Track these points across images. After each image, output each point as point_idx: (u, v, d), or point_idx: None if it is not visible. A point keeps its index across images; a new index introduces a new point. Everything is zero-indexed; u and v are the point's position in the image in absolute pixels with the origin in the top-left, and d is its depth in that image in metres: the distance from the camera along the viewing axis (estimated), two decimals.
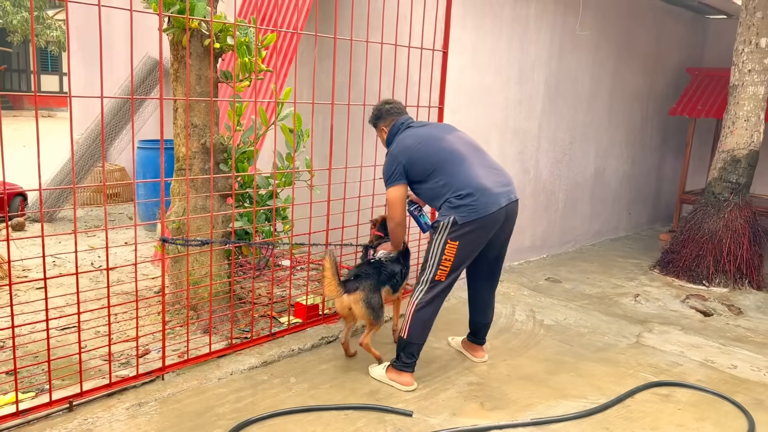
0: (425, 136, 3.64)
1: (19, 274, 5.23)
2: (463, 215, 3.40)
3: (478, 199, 3.41)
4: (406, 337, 3.56)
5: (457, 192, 3.43)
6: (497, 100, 5.61)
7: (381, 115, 3.84)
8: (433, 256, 3.49)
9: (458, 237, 3.42)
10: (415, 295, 3.56)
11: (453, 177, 3.47)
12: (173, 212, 4.24)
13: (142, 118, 7.76)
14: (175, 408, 3.26)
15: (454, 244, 3.42)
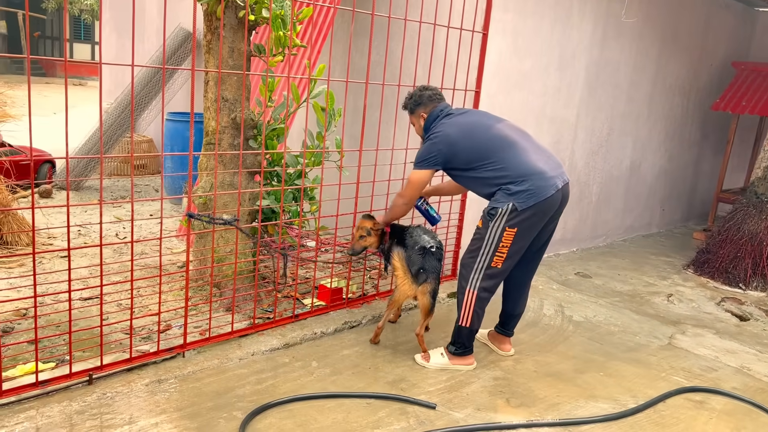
0: (471, 125, 3.57)
1: (45, 241, 5.22)
2: (522, 201, 3.35)
3: (535, 184, 3.36)
4: (468, 326, 3.56)
5: (515, 179, 3.38)
6: (535, 86, 5.43)
7: (422, 101, 3.71)
8: (488, 243, 3.43)
9: (516, 224, 3.37)
10: (472, 283, 3.50)
11: (508, 164, 3.42)
12: (200, 187, 4.16)
13: (172, 90, 7.70)
14: (194, 387, 3.21)
15: (512, 231, 3.38)
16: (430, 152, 3.53)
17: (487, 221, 3.43)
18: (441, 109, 3.67)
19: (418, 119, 3.76)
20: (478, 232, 3.49)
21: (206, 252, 4.06)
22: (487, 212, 3.44)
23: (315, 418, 3.04)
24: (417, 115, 3.75)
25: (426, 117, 3.69)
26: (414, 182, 3.60)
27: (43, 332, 3.53)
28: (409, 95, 3.78)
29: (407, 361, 3.71)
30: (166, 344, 3.46)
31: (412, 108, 3.75)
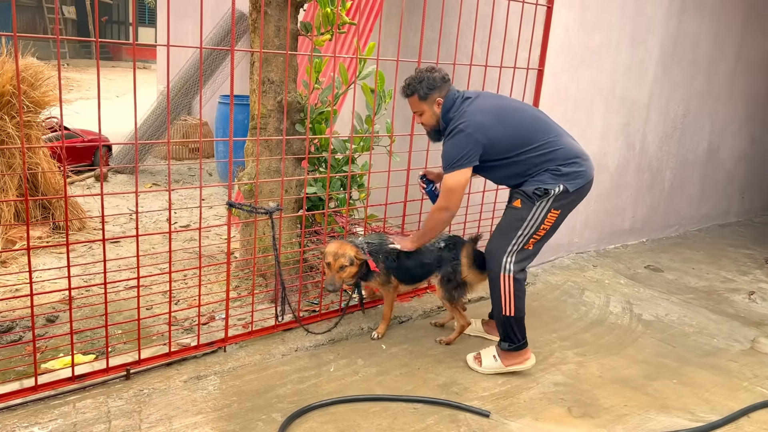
0: (499, 109, 3.22)
1: (96, 226, 5.21)
2: (572, 183, 3.13)
3: (583, 164, 3.19)
4: (515, 314, 3.26)
5: (563, 161, 3.15)
6: (605, 64, 5.00)
7: (435, 84, 3.22)
8: (529, 224, 3.18)
9: (562, 206, 3.17)
10: (506, 267, 3.22)
11: (554, 146, 3.17)
12: (246, 173, 4.01)
13: (225, 73, 7.61)
14: (234, 385, 3.06)
15: (556, 213, 3.17)
16: (467, 146, 3.11)
17: (530, 202, 3.15)
18: (456, 94, 3.26)
19: (431, 106, 3.25)
20: (517, 213, 3.21)
21: (252, 241, 3.91)
22: (533, 192, 3.14)
23: (358, 423, 2.84)
24: (431, 102, 3.24)
25: (442, 103, 3.24)
26: (456, 188, 3.15)
27: (88, 323, 3.45)
28: (415, 79, 3.24)
29: (459, 362, 3.46)
30: (207, 338, 3.34)
31: (425, 93, 3.22)
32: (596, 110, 5.08)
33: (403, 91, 3.27)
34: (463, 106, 3.18)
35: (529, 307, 4.26)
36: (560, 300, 4.49)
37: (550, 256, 5.18)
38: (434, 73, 3.23)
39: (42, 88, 4.84)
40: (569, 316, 4.24)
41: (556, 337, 3.88)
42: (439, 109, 3.23)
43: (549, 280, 4.83)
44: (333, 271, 3.32)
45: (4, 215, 4.54)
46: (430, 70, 3.25)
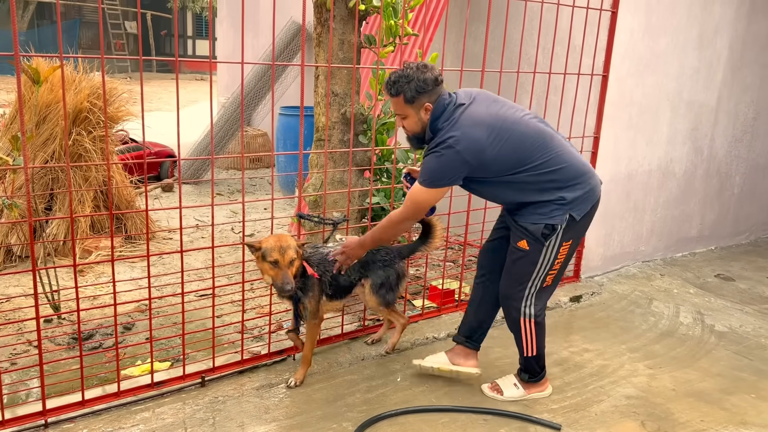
0: (498, 121, 2.71)
1: (165, 236, 5.39)
2: (579, 209, 2.78)
3: (588, 184, 2.80)
4: (536, 352, 3.07)
5: (566, 183, 2.75)
6: (671, 68, 4.88)
7: (426, 87, 2.70)
8: (543, 265, 2.85)
9: (572, 235, 2.83)
10: (526, 312, 2.97)
11: (556, 163, 2.74)
12: (310, 185, 4.08)
13: (284, 84, 7.77)
14: (303, 393, 3.11)
15: (568, 244, 2.84)
16: (451, 166, 2.68)
17: (539, 242, 2.80)
18: (447, 96, 2.77)
19: (418, 111, 2.76)
20: (526, 256, 2.84)
21: None
22: (540, 233, 2.77)
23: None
24: (418, 107, 2.74)
25: (431, 109, 2.76)
26: (425, 205, 2.82)
27: (162, 331, 3.58)
28: (403, 77, 2.72)
29: None
30: (276, 346, 3.41)
31: (412, 97, 2.72)
32: (662, 115, 4.96)
33: (388, 89, 2.77)
34: (455, 114, 2.70)
35: (596, 318, 4.21)
36: (627, 310, 4.39)
37: (615, 264, 5.07)
38: (426, 73, 2.72)
39: (115, 103, 5.05)
40: (638, 326, 4.14)
41: (625, 349, 3.80)
42: (427, 116, 2.76)
43: (615, 290, 4.72)
44: (283, 268, 2.84)
45: (81, 226, 4.75)
46: (423, 68, 2.73)
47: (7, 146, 4.61)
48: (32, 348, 3.40)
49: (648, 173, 5.03)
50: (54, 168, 4.70)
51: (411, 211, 2.84)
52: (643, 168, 4.98)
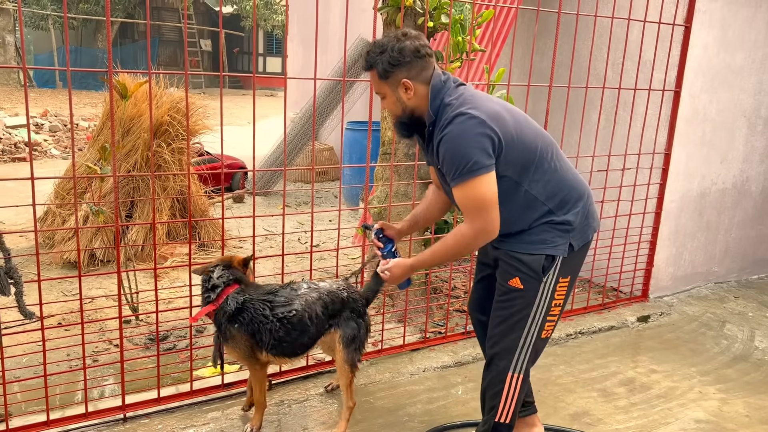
0: (509, 106, 2.27)
1: (236, 244, 5.59)
2: (579, 237, 2.31)
3: (590, 206, 2.35)
4: (510, 421, 2.44)
5: (568, 202, 2.28)
6: (748, 83, 4.73)
7: (403, 59, 2.19)
8: (540, 307, 2.32)
9: (571, 269, 2.35)
10: (517, 366, 2.38)
11: (562, 172, 2.28)
12: (375, 197, 4.17)
13: (352, 100, 7.94)
14: (366, 401, 3.17)
15: (566, 281, 2.34)
16: (479, 141, 2.09)
17: (535, 280, 2.28)
18: (442, 74, 2.27)
19: (395, 89, 2.25)
20: (521, 297, 2.31)
21: None
22: (541, 267, 2.27)
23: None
24: (394, 83, 2.24)
25: (421, 86, 2.23)
26: (484, 199, 2.12)
27: None
28: (376, 46, 2.25)
29: (592, 392, 3.37)
30: None
31: (384, 70, 2.22)
32: (738, 132, 4.80)
33: (362, 62, 2.33)
34: (460, 90, 2.23)
35: (664, 339, 4.11)
36: (698, 332, 4.25)
37: (686, 285, 4.92)
38: (404, 41, 2.21)
39: (192, 117, 5.31)
40: (709, 350, 4.00)
41: (696, 372, 3.68)
42: (408, 95, 2.24)
43: (685, 311, 4.58)
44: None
45: (158, 233, 5.00)
46: (401, 37, 2.23)
47: (95, 156, 4.92)
48: (113, 347, 3.61)
49: (722, 192, 4.87)
50: (135, 177, 4.98)
51: (473, 211, 2.14)
52: (717, 186, 4.82)
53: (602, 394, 3.37)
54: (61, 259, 4.76)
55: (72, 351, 3.44)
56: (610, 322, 4.25)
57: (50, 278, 3.78)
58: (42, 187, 5.81)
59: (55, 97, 17.95)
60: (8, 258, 2.42)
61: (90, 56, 22.72)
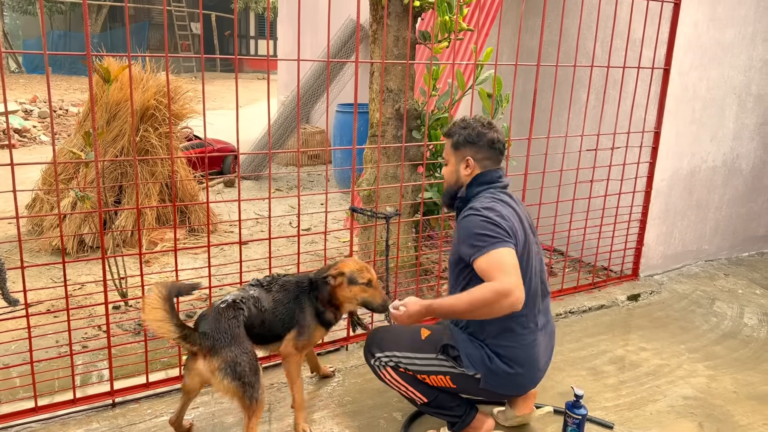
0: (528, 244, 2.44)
1: (227, 229, 5.57)
2: (494, 381, 2.44)
3: (524, 375, 2.47)
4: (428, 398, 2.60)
5: (510, 363, 2.43)
6: (738, 60, 4.70)
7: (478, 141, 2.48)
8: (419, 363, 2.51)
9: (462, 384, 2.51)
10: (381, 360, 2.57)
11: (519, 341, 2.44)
12: (365, 180, 4.15)
13: (342, 82, 7.89)
14: (356, 382, 3.18)
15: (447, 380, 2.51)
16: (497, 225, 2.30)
17: (436, 348, 2.49)
18: (502, 173, 2.54)
19: (458, 162, 2.53)
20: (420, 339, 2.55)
21: (370, 244, 4.04)
22: (445, 346, 2.48)
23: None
24: (460, 156, 2.52)
25: (473, 168, 2.50)
26: (509, 263, 2.22)
27: None
28: (463, 121, 2.55)
29: (581, 371, 3.39)
30: (330, 336, 3.48)
31: (458, 142, 2.52)
32: (728, 110, 4.78)
33: (445, 129, 2.65)
34: (500, 193, 2.47)
35: (654, 317, 4.12)
36: (688, 310, 4.27)
37: (676, 263, 4.94)
38: (486, 129, 2.49)
39: (180, 101, 5.26)
40: (698, 327, 4.02)
41: (684, 349, 3.70)
42: (466, 171, 2.51)
43: (675, 289, 4.60)
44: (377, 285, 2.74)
45: (147, 219, 4.97)
46: (487, 125, 2.52)
47: (81, 142, 4.88)
48: (101, 333, 3.61)
49: (712, 170, 4.87)
50: (122, 163, 4.94)
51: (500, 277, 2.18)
52: (707, 164, 4.82)
53: (592, 372, 3.39)
54: (49, 245, 4.74)
55: (60, 337, 3.45)
56: (601, 301, 4.26)
57: (34, 264, 3.76)
58: (29, 174, 5.78)
59: (45, 83, 17.78)
60: None
61: (79, 41, 22.48)
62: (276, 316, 2.62)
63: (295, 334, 2.66)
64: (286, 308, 2.65)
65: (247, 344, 2.43)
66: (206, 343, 2.35)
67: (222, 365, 2.33)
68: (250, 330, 2.50)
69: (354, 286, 2.66)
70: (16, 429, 2.66)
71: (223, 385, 2.34)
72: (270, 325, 2.60)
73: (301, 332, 2.67)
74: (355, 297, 2.68)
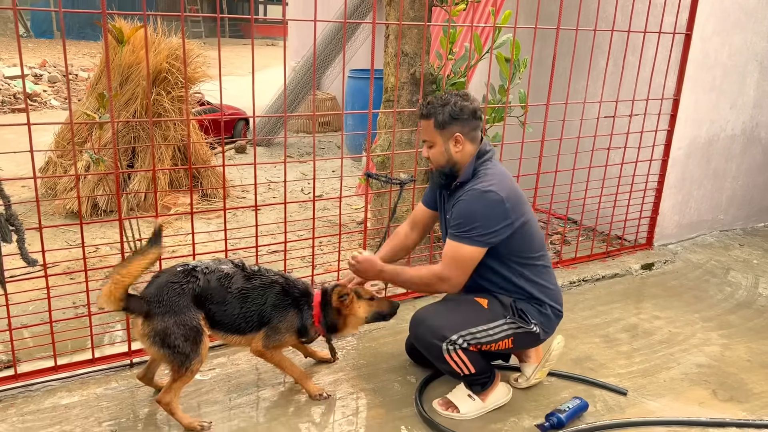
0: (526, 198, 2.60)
1: (239, 195, 5.57)
2: (546, 333, 2.68)
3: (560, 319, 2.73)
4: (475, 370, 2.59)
5: (555, 305, 2.66)
6: (762, 26, 4.59)
7: (461, 115, 2.47)
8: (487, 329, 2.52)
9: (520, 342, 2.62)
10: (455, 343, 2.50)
11: (552, 280, 2.68)
12: (378, 145, 4.12)
13: (354, 47, 7.78)
14: (370, 347, 3.20)
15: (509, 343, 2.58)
16: (499, 221, 2.41)
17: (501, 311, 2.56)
18: (489, 144, 2.60)
19: (447, 141, 2.50)
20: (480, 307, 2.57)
21: (384, 211, 4.03)
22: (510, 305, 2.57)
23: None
24: (448, 135, 2.49)
25: (472, 147, 2.53)
26: (467, 261, 2.45)
27: None
28: (439, 99, 2.51)
29: (594, 338, 3.39)
30: None
31: (443, 121, 2.48)
32: (749, 77, 4.69)
33: (420, 109, 2.57)
34: (497, 167, 2.54)
35: (668, 286, 4.11)
36: (702, 279, 4.25)
37: (691, 233, 4.90)
38: (465, 101, 2.48)
39: (192, 65, 5.21)
40: (712, 296, 4.01)
41: (698, 318, 3.69)
42: (457, 149, 2.50)
43: (690, 259, 4.57)
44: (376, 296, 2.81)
45: (160, 183, 4.97)
46: (463, 96, 2.50)
47: (94, 105, 4.85)
48: None
49: (731, 138, 4.80)
50: (135, 127, 4.92)
51: (450, 267, 2.45)
52: (726, 133, 4.75)
53: (605, 339, 3.39)
54: (63, 209, 4.76)
55: (77, 299, 3.48)
56: (614, 269, 4.25)
57: (52, 225, 3.78)
58: (43, 138, 5.77)
59: (53, 48, 17.69)
60: (8, 205, 2.40)
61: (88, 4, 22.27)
62: (243, 308, 2.49)
63: (264, 335, 2.55)
64: (257, 307, 2.51)
65: (187, 315, 2.34)
66: (143, 309, 2.32)
67: (151, 332, 2.32)
68: (203, 303, 2.41)
69: (362, 301, 2.69)
70: (36, 387, 2.70)
71: (152, 351, 2.35)
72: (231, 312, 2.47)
73: (271, 336, 2.56)
74: (364, 311, 2.69)
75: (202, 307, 2.42)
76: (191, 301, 2.38)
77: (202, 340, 2.38)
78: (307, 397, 2.73)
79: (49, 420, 2.50)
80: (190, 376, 2.40)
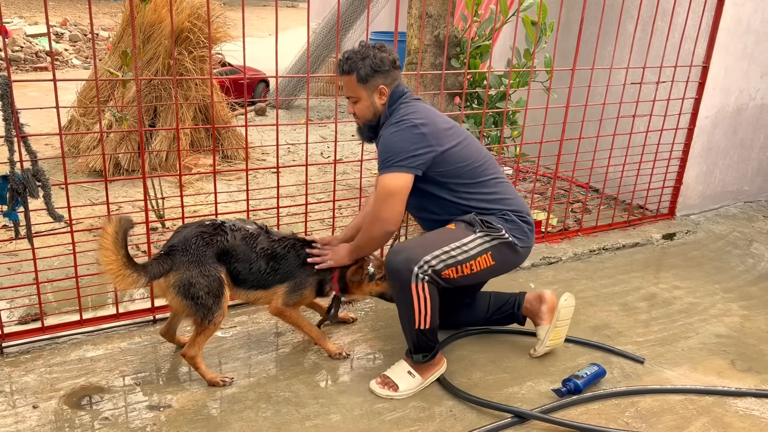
0: (455, 126, 2.57)
1: (259, 157, 5.58)
2: (522, 240, 2.57)
3: (532, 229, 2.63)
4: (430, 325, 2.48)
5: (519, 211, 2.58)
6: None
7: (382, 67, 2.47)
8: (460, 248, 2.44)
9: (499, 260, 2.52)
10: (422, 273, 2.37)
11: (508, 191, 2.62)
12: None
13: (376, 9, 7.67)
14: (389, 308, 3.22)
15: (489, 261, 2.50)
16: (416, 145, 2.39)
17: (469, 228, 2.49)
18: (405, 90, 2.56)
19: (371, 94, 2.51)
20: (449, 231, 2.49)
21: None
22: (473, 219, 2.51)
23: (506, 354, 2.89)
24: (372, 88, 2.50)
25: (388, 94, 2.52)
26: (395, 193, 2.39)
27: None
28: (358, 53, 2.48)
29: (613, 306, 3.39)
30: None
31: (366, 75, 2.47)
32: None
33: (339, 66, 2.53)
34: (413, 103, 2.53)
35: (689, 256, 4.08)
36: (724, 251, 4.21)
37: (714, 204, 4.84)
38: (384, 52, 2.49)
39: (213, 24, 5.17)
40: (734, 267, 3.98)
41: (719, 288, 3.67)
42: (381, 101, 2.53)
43: (712, 229, 4.53)
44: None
45: (182, 144, 4.99)
46: (380, 48, 2.50)
47: (116, 63, 4.86)
48: (140, 253, 3.68)
49: (760, 108, 4.69)
50: (157, 86, 4.93)
51: (379, 206, 2.41)
52: (755, 102, 4.64)
53: (623, 308, 3.39)
54: (86, 167, 4.80)
55: None
56: (635, 239, 4.22)
57: (77, 182, 3.82)
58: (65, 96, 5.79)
59: (74, 6, 17.65)
60: (35, 161, 2.43)
61: None
62: (269, 264, 2.52)
63: (288, 288, 2.58)
64: (281, 264, 2.55)
65: (211, 268, 2.37)
66: (166, 267, 2.33)
67: (176, 283, 2.34)
68: (228, 260, 2.44)
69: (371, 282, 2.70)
70: (63, 339, 2.76)
71: (175, 302, 2.37)
72: (256, 269, 2.50)
73: (295, 289, 2.60)
74: (372, 291, 2.72)
75: (226, 263, 2.45)
76: (215, 255, 2.42)
77: (223, 293, 2.42)
78: (326, 357, 2.77)
79: (76, 371, 2.56)
80: (213, 330, 2.44)
